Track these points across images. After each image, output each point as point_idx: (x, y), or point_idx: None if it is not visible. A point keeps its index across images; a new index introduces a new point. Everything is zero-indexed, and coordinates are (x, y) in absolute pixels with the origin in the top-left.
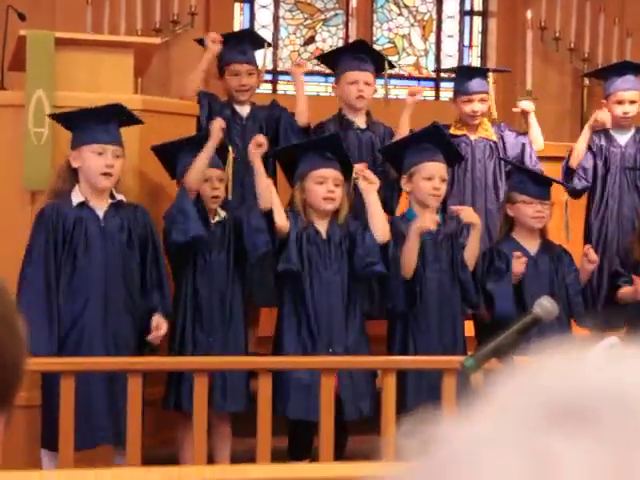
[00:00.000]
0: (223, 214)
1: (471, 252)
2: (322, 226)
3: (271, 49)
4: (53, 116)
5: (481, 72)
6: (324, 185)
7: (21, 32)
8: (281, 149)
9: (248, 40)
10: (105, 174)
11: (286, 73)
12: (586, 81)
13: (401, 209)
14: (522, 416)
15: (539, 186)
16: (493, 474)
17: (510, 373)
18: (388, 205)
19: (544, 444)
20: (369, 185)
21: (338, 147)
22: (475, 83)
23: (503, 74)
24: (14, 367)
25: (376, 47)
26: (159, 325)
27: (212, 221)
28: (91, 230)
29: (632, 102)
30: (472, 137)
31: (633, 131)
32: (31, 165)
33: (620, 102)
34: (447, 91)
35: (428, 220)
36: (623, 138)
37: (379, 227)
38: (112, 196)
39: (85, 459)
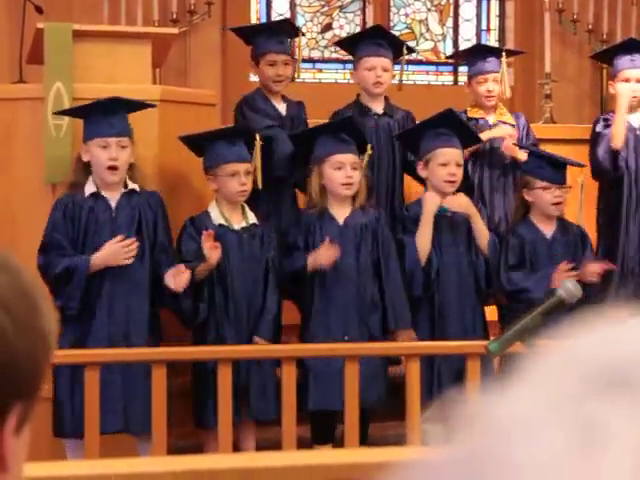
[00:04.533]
0: (252, 220)
1: (480, 240)
2: (340, 212)
3: (304, 38)
4: (60, 112)
5: (495, 52)
6: (342, 171)
7: (38, 25)
8: (296, 133)
9: (284, 29)
10: (110, 168)
11: (304, 61)
12: None
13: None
14: (564, 386)
15: (557, 171)
16: (540, 446)
17: (549, 347)
18: None
19: (588, 413)
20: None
21: (354, 129)
22: (490, 63)
23: (522, 57)
24: (30, 363)
25: (394, 33)
26: (179, 270)
27: (237, 227)
28: (102, 220)
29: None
30: (490, 120)
31: None
32: (51, 157)
33: (627, 80)
34: (465, 75)
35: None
36: (635, 118)
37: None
38: (126, 185)
39: (109, 448)
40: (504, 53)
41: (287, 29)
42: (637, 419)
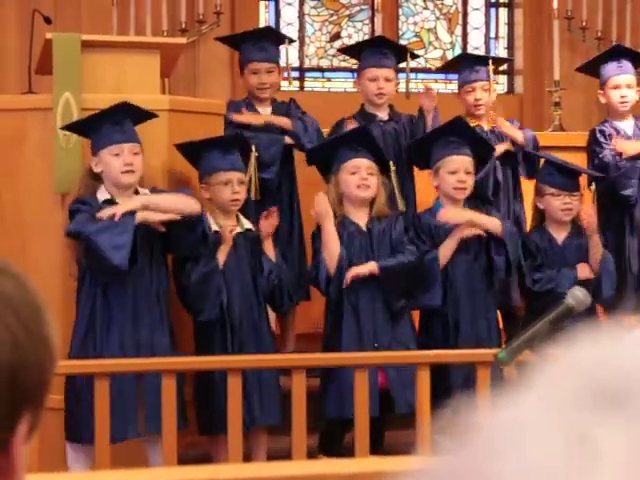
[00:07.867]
0: (247, 225)
1: (494, 230)
2: (360, 218)
3: (293, 45)
4: (66, 127)
5: (482, 60)
6: (357, 174)
7: (47, 35)
8: (312, 149)
9: (267, 37)
10: (126, 172)
11: (313, 69)
12: None
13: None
14: (560, 398)
15: (567, 178)
16: (528, 457)
17: (548, 360)
18: None
19: (582, 427)
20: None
21: (369, 139)
22: (476, 72)
23: (531, 65)
24: (38, 371)
25: (402, 41)
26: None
27: (236, 231)
28: None
29: (629, 86)
30: (486, 127)
31: (632, 119)
32: (61, 168)
33: (617, 87)
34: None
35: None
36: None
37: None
38: (137, 192)
39: (118, 456)
40: (490, 61)
41: (270, 37)
42: (630, 436)
